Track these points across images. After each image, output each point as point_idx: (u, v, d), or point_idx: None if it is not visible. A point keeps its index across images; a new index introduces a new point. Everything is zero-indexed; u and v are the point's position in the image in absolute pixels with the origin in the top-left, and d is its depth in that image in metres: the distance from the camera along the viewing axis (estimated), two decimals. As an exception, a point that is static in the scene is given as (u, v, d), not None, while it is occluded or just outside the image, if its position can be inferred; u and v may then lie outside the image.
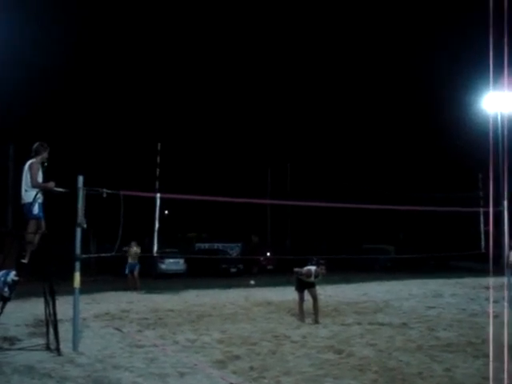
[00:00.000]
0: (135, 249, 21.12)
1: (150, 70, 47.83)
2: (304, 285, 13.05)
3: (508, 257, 14.78)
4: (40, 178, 9.21)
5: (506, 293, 13.62)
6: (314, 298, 12.95)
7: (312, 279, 12.98)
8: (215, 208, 41.79)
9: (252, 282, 24.39)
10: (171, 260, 30.63)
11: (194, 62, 51.50)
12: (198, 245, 39.74)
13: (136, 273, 21.07)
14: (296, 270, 13.20)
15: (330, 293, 19.84)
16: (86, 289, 13.61)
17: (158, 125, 42.15)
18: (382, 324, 12.62)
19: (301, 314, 12.97)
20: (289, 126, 49.19)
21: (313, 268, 12.96)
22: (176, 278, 28.11)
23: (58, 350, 9.03)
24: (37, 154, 9.38)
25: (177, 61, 50.66)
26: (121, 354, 9.18)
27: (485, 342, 9.80)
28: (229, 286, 22.76)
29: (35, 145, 9.45)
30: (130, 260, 21.09)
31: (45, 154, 9.43)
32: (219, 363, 8.61)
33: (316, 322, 12.62)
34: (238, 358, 8.97)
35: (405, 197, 37.91)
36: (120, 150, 40.29)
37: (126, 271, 21.11)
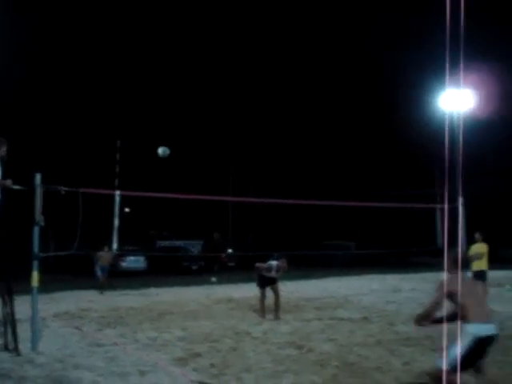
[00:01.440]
0: (107, 253, 20.00)
1: (109, 65, 47.30)
2: (266, 281, 13.11)
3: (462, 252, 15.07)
4: None
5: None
6: (276, 294, 13.02)
7: (273, 274, 13.05)
8: (176, 205, 41.67)
9: (213, 279, 24.35)
10: (132, 258, 30.38)
11: (153, 58, 51.09)
12: (159, 242, 39.47)
13: (106, 277, 20.25)
14: (257, 265, 13.26)
15: (290, 289, 19.92)
16: (46, 288, 13.40)
17: (117, 122, 41.75)
18: (342, 319, 12.78)
19: (262, 311, 13.04)
20: (250, 125, 49.27)
21: (274, 263, 13.04)
22: (137, 275, 27.91)
23: (16, 349, 8.89)
24: None
25: (135, 57, 50.33)
26: (81, 354, 9.09)
27: (442, 335, 9.99)
28: (190, 284, 22.70)
29: None
30: (101, 262, 20.21)
31: (3, 149, 9.17)
32: (180, 361, 8.60)
33: (277, 317, 12.71)
34: (198, 355, 8.97)
35: (364, 194, 38.49)
36: (79, 147, 39.84)
37: (99, 273, 20.14)
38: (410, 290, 19.95)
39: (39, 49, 42.09)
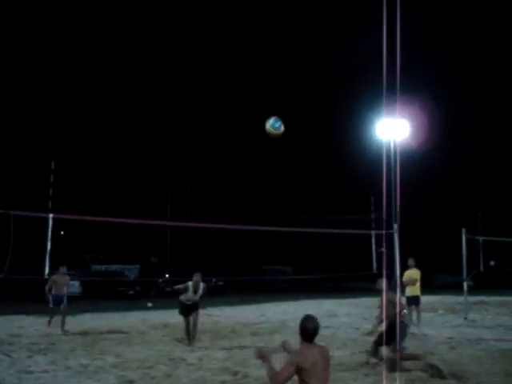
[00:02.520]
0: (63, 277, 15.88)
1: (44, 86, 46.47)
2: (188, 309, 12.76)
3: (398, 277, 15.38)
4: None
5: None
6: (195, 322, 12.74)
7: (191, 296, 12.59)
8: (113, 228, 40.98)
9: (149, 305, 24.02)
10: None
11: (86, 79, 50.51)
12: (94, 266, 38.75)
13: (63, 307, 15.66)
14: (175, 287, 13.01)
15: (228, 314, 19.87)
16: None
17: (51, 143, 40.92)
18: (276, 344, 12.75)
19: (188, 339, 12.76)
20: (188, 147, 49.22)
21: (190, 283, 12.63)
22: (71, 300, 27.17)
23: None
24: None
25: (73, 73, 49.65)
26: (10, 381, 8.81)
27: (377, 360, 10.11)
28: (126, 309, 22.29)
29: None
30: (55, 291, 15.57)
31: None
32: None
33: (192, 345, 12.42)
34: (132, 382, 8.81)
35: (302, 219, 38.84)
36: (11, 168, 38.81)
37: (51, 304, 15.73)
38: (346, 314, 20.17)
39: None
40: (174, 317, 18.90)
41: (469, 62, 53.20)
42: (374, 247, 16.10)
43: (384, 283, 9.88)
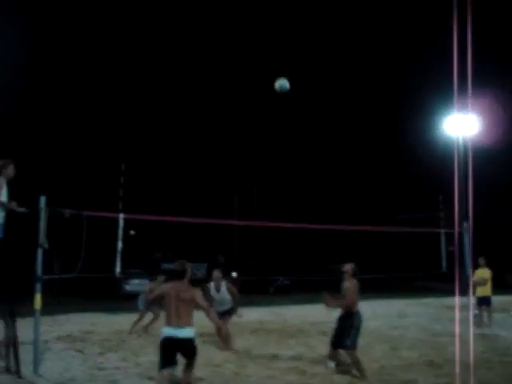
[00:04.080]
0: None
1: (116, 88, 47.65)
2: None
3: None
4: (4, 197, 8.91)
5: (470, 313, 13.82)
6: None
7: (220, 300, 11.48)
8: (181, 228, 41.64)
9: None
10: (136, 281, 30.29)
11: (160, 81, 51.46)
12: (163, 265, 39.38)
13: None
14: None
15: (294, 313, 19.84)
16: (49, 310, 13.35)
17: (122, 145, 41.98)
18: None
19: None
20: (256, 147, 49.39)
21: (211, 284, 11.61)
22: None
23: (18, 372, 8.85)
24: (0, 171, 9.03)
25: (142, 80, 50.66)
26: (82, 377, 9.05)
27: (447, 361, 9.91)
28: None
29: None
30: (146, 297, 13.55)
31: (10, 170, 8.96)
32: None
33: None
34: (201, 379, 8.90)
35: (370, 218, 38.40)
36: (84, 170, 40.01)
37: (141, 306, 14.77)
38: (415, 314, 19.80)
39: (44, 69, 42.54)
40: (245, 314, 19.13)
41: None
42: (443, 246, 15.74)
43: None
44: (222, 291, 11.62)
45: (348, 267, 9.89)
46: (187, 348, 7.69)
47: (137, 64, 53.00)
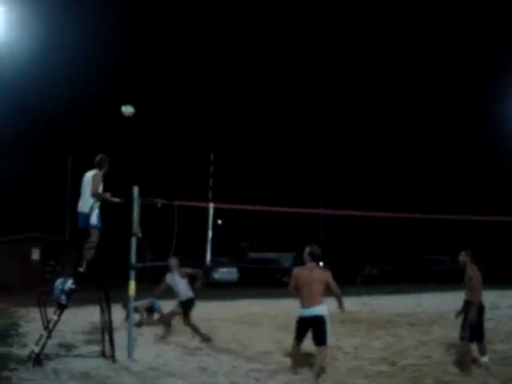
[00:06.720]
0: None
1: (203, 82, 48.43)
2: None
3: None
4: (100, 190, 9.45)
5: None
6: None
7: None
8: (268, 217, 41.89)
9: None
10: (224, 269, 30.81)
11: (249, 73, 51.76)
12: (250, 254, 39.75)
13: None
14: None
15: (383, 303, 19.59)
16: (142, 297, 13.75)
17: (211, 136, 42.65)
18: (436, 336, 12.38)
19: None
20: (342, 137, 48.91)
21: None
22: (229, 287, 28.22)
23: (113, 357, 9.22)
24: (99, 166, 9.57)
25: (230, 73, 51.18)
26: (174, 362, 9.30)
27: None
28: (282, 296, 22.65)
29: (98, 157, 9.63)
30: None
31: (106, 167, 9.65)
32: (272, 373, 8.60)
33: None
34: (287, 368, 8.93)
35: (459, 207, 37.25)
36: (174, 161, 41.00)
37: None
38: (508, 307, 19.08)
39: (132, 66, 43.78)
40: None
41: None
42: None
43: None
44: (182, 285, 11.55)
45: (464, 255, 9.60)
46: (317, 324, 8.29)
47: (227, 56, 53.62)
